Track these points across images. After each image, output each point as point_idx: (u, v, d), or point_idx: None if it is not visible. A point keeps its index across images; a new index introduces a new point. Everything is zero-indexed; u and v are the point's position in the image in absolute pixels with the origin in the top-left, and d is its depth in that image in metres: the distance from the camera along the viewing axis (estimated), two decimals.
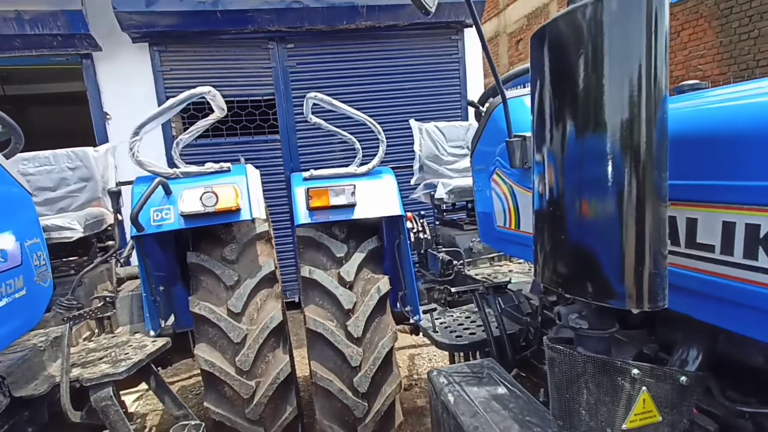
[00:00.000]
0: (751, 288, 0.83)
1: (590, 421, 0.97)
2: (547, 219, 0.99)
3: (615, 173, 0.86)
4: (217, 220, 2.40)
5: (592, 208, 0.89)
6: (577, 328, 0.98)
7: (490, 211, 1.87)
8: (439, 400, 1.66)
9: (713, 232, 0.89)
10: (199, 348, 2.36)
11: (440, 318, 2.46)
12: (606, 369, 0.94)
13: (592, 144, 0.87)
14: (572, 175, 0.91)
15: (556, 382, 1.02)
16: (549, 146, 0.96)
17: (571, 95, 0.89)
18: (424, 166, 3.23)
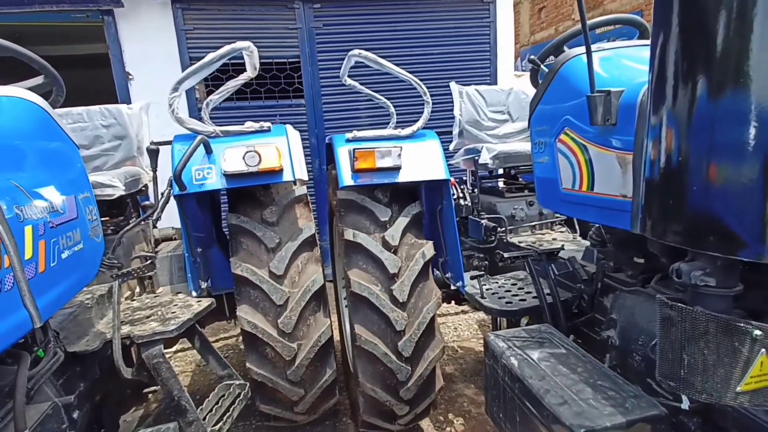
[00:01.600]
0: None
1: (705, 383, 0.92)
2: (670, 175, 0.91)
3: (759, 120, 0.77)
4: (261, 180, 2.34)
5: (732, 161, 0.81)
6: (702, 286, 0.92)
7: (554, 173, 1.78)
8: (500, 363, 1.62)
9: None
10: (241, 309, 2.34)
11: (485, 284, 2.42)
12: (728, 329, 0.88)
13: (736, 79, 0.78)
14: (704, 127, 0.83)
15: (671, 342, 0.96)
16: (676, 97, 0.88)
17: (705, 48, 0.80)
18: (464, 131, 3.12)
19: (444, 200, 2.58)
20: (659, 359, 1.00)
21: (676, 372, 0.96)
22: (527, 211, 2.82)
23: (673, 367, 0.96)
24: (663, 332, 0.97)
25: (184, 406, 1.88)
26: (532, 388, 1.40)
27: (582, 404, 1.29)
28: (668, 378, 0.98)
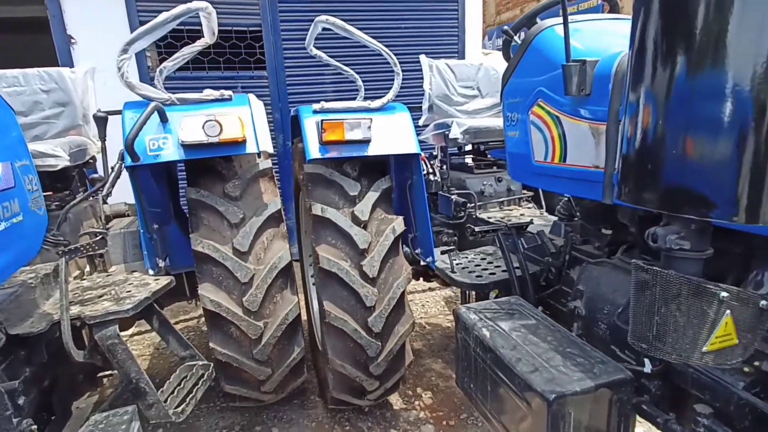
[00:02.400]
0: None
1: (675, 343, 0.94)
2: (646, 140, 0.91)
3: (741, 84, 0.77)
4: (222, 151, 2.21)
5: (710, 126, 0.81)
6: (676, 249, 0.93)
7: (526, 146, 1.77)
8: (472, 335, 1.63)
9: None
10: (203, 288, 2.24)
11: (455, 259, 2.42)
12: (698, 291, 0.90)
13: (715, 54, 0.78)
14: (682, 100, 0.83)
15: (644, 305, 0.97)
16: (658, 67, 0.86)
17: (688, 21, 0.80)
18: (433, 106, 3.07)
19: (414, 175, 2.54)
20: (632, 322, 1.02)
21: (647, 334, 0.98)
22: (496, 187, 2.84)
23: (644, 330, 0.98)
24: (636, 296, 0.98)
25: (143, 388, 1.79)
26: (504, 358, 1.41)
27: (552, 371, 1.31)
28: (640, 340, 1.00)
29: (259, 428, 2.81)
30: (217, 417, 2.93)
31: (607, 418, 1.31)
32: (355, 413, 2.89)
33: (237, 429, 2.81)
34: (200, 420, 2.91)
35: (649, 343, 0.98)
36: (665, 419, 1.31)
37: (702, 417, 1.19)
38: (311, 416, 2.91)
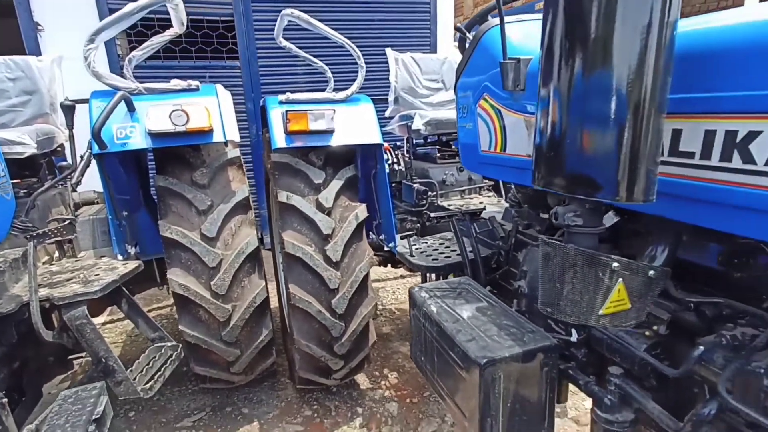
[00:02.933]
0: (723, 187, 0.93)
1: (574, 308, 1.09)
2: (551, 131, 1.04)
3: (623, 88, 0.91)
4: (189, 140, 2.28)
5: (598, 124, 0.95)
6: (573, 226, 1.07)
7: (474, 136, 1.90)
8: (422, 311, 1.76)
9: (695, 140, 0.98)
10: (172, 272, 2.32)
11: (415, 244, 2.55)
12: (592, 262, 1.04)
13: (603, 65, 0.92)
14: (581, 94, 0.97)
15: (549, 275, 1.12)
16: (558, 68, 1.00)
17: (586, 19, 0.93)
18: (399, 98, 3.18)
19: (378, 164, 2.65)
20: (540, 290, 1.16)
21: (552, 300, 1.12)
22: (457, 176, 2.98)
23: (550, 296, 1.12)
24: (543, 267, 1.12)
25: (111, 366, 1.87)
26: (447, 330, 1.55)
27: (487, 340, 1.46)
28: (547, 305, 1.14)
29: (230, 409, 2.91)
30: (188, 399, 3.02)
31: (536, 382, 1.46)
32: (323, 393, 3.02)
33: (208, 410, 2.90)
34: (172, 403, 2.99)
35: (554, 308, 1.12)
36: (586, 381, 1.48)
37: (614, 377, 1.36)
38: (281, 397, 3.02)
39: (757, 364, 0.98)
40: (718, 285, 1.21)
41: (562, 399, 1.75)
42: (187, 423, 2.79)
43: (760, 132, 0.83)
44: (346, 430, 2.70)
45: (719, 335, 1.07)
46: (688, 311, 1.25)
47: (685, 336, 1.25)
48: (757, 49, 0.84)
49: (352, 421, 2.78)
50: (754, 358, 1.00)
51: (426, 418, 2.79)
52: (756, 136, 0.84)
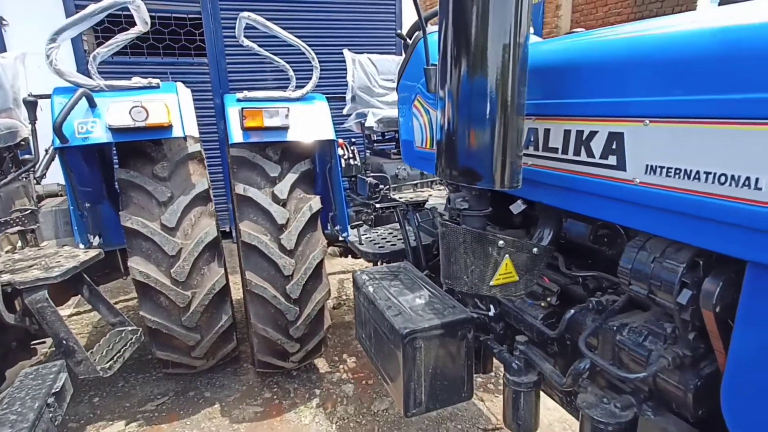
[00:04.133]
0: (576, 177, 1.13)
1: (468, 279, 1.28)
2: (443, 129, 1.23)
3: (491, 94, 1.11)
4: (148, 135, 2.40)
5: (475, 123, 1.14)
6: (462, 209, 1.26)
7: (411, 134, 2.09)
8: (362, 292, 1.94)
9: (558, 138, 1.18)
10: (132, 261, 2.44)
11: (366, 234, 2.73)
12: (481, 240, 1.23)
13: (477, 75, 1.11)
14: (463, 98, 1.16)
15: (445, 251, 1.30)
16: (449, 76, 1.18)
17: (464, 38, 1.11)
18: (356, 96, 3.35)
19: (332, 159, 2.82)
20: (442, 265, 1.35)
21: (452, 273, 1.31)
22: (410, 171, 3.16)
23: (449, 269, 1.31)
24: (441, 244, 1.31)
25: (72, 347, 1.99)
26: (379, 306, 1.73)
27: (412, 314, 1.64)
28: (447, 277, 1.33)
29: (193, 393, 3.04)
30: (152, 385, 3.13)
31: (454, 351, 1.65)
32: (283, 377, 3.17)
33: (171, 395, 3.02)
34: (136, 388, 3.10)
35: (453, 279, 1.31)
36: (499, 350, 1.68)
37: (519, 344, 1.56)
38: (242, 381, 3.16)
39: (612, 324, 1.19)
40: (598, 261, 1.43)
41: (487, 370, 1.96)
42: (150, 407, 2.90)
43: (596, 132, 1.03)
44: (302, 410, 2.87)
45: (588, 302, 1.28)
46: (575, 284, 1.47)
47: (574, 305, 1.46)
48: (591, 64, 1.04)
49: (310, 401, 2.94)
50: (611, 319, 1.21)
51: (379, 397, 2.98)
52: (594, 135, 1.04)
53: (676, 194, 0.87)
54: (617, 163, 0.98)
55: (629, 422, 1.23)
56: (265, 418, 2.80)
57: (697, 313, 0.91)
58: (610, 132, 1.00)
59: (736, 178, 0.76)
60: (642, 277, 0.99)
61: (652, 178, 0.91)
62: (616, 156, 0.99)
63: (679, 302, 0.92)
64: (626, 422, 1.23)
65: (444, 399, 1.66)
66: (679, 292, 0.92)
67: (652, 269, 0.97)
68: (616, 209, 1.01)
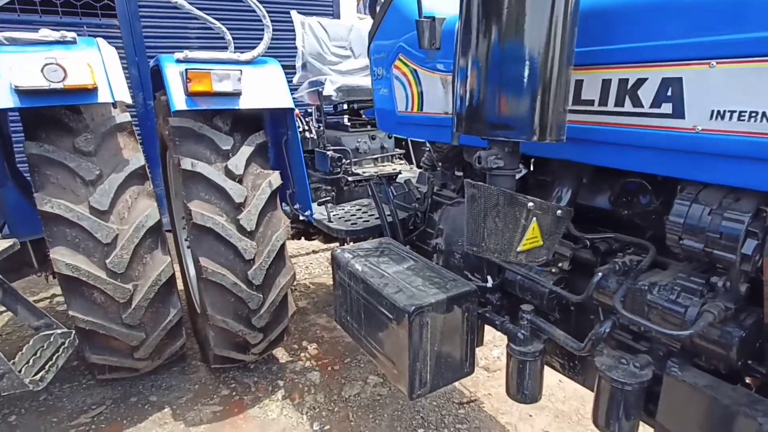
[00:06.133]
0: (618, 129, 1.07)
1: (496, 245, 1.18)
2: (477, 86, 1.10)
3: (534, 39, 0.99)
4: (68, 99, 1.99)
5: (518, 72, 1.02)
6: (494, 168, 1.15)
7: (391, 98, 1.93)
8: (346, 271, 1.77)
9: (594, 89, 1.11)
10: (56, 252, 2.03)
11: (333, 211, 2.53)
12: (511, 202, 1.14)
13: (521, 17, 0.98)
14: (502, 45, 1.03)
15: (474, 215, 1.19)
16: (479, 21, 1.05)
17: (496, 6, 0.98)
18: (307, 64, 3.07)
19: (289, 131, 2.56)
20: (466, 231, 1.24)
21: (477, 239, 1.21)
22: (370, 144, 3.00)
23: (474, 236, 1.21)
24: (469, 208, 1.20)
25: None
26: (373, 285, 1.58)
27: (413, 290, 1.52)
28: (472, 245, 1.23)
29: (135, 399, 2.67)
30: (83, 395, 2.70)
31: (459, 325, 1.56)
32: (240, 371, 2.91)
33: (109, 403, 2.63)
34: (63, 401, 2.66)
35: (479, 246, 1.21)
36: (501, 321, 1.62)
37: (525, 313, 1.51)
38: (193, 380, 2.85)
39: (642, 283, 1.16)
40: (609, 223, 1.40)
41: (479, 343, 1.90)
42: (85, 419, 2.50)
43: (646, 79, 0.96)
44: (267, 404, 2.65)
45: (613, 263, 1.24)
46: (586, 249, 1.43)
47: (585, 270, 1.43)
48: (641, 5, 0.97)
49: (274, 393, 2.73)
50: (640, 279, 1.18)
51: (348, 382, 2.85)
52: (642, 83, 0.97)
53: (748, 138, 0.82)
54: (673, 111, 0.92)
55: (649, 381, 1.22)
56: (226, 417, 2.54)
57: (758, 263, 0.89)
58: (663, 78, 0.93)
59: None
60: (698, 230, 0.95)
61: (717, 124, 0.86)
62: (672, 103, 0.92)
63: (744, 253, 0.89)
64: (647, 381, 1.22)
65: (448, 376, 1.58)
66: (744, 242, 0.89)
67: (711, 221, 0.93)
68: (669, 160, 0.96)
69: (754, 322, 0.99)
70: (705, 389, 1.08)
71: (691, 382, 1.12)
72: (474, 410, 2.63)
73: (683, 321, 1.07)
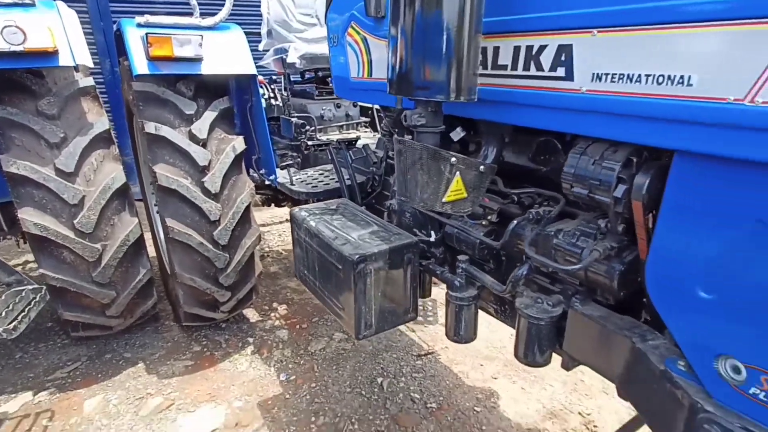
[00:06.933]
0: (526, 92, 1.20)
1: (423, 195, 1.32)
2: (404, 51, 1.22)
3: (450, 13, 1.11)
4: (29, 62, 2.03)
5: (435, 40, 1.14)
6: (419, 125, 1.28)
7: (345, 65, 2.02)
8: (302, 228, 1.90)
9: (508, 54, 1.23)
10: (24, 212, 2.12)
11: (296, 175, 2.64)
12: (435, 156, 1.27)
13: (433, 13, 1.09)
14: (423, 15, 1.14)
15: (401, 169, 1.33)
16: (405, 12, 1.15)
17: None
18: (272, 31, 3.10)
19: (253, 97, 2.63)
20: (397, 183, 1.37)
21: (406, 190, 1.34)
22: (335, 112, 3.08)
23: (404, 187, 1.35)
24: (397, 162, 1.33)
25: None
26: (325, 238, 1.72)
27: (360, 242, 1.66)
28: (402, 195, 1.37)
29: (110, 356, 2.81)
30: (58, 353, 2.82)
31: (401, 273, 1.71)
32: (211, 330, 3.06)
33: (84, 359, 2.76)
34: (39, 358, 2.77)
35: (407, 197, 1.35)
36: (441, 271, 1.78)
37: (461, 263, 1.67)
38: (166, 338, 2.99)
39: (550, 230, 1.32)
40: (533, 180, 1.55)
41: (426, 294, 2.07)
42: (61, 374, 2.63)
43: (546, 45, 1.09)
44: (237, 359, 2.81)
45: (528, 213, 1.40)
46: (513, 203, 1.59)
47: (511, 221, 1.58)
48: None
49: (244, 349, 2.89)
50: (549, 227, 1.34)
51: (315, 338, 3.02)
52: (543, 49, 1.10)
53: (620, 98, 0.96)
54: (566, 74, 1.06)
55: (559, 316, 1.40)
56: (197, 370, 2.70)
57: (628, 206, 1.05)
58: (559, 45, 1.06)
59: (671, 78, 0.87)
60: (583, 179, 1.11)
61: (597, 85, 1.00)
62: (565, 67, 1.06)
63: (615, 196, 1.05)
64: (557, 316, 1.40)
65: (392, 320, 1.74)
66: (615, 187, 1.05)
67: (593, 170, 1.08)
68: (563, 118, 1.10)
69: (633, 258, 1.17)
70: (599, 319, 1.26)
71: (588, 313, 1.30)
72: (431, 361, 2.84)
73: (579, 260, 1.24)
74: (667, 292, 1.02)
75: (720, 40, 0.79)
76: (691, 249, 0.93)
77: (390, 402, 2.50)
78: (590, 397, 2.56)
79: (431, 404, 2.49)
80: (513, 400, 2.54)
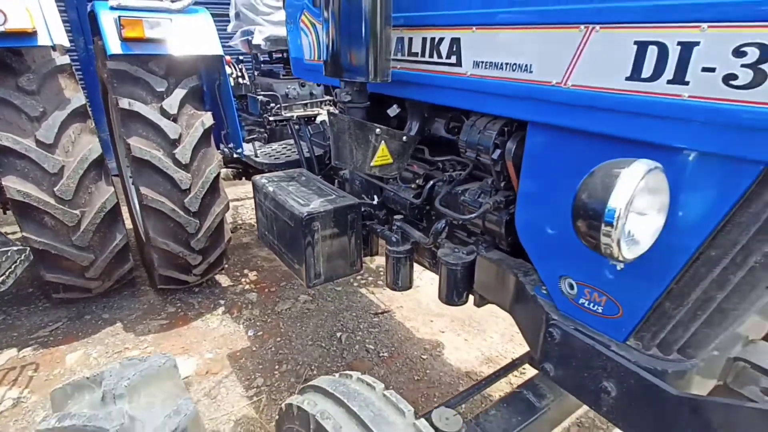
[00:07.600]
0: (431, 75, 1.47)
1: (353, 161, 1.60)
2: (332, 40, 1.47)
3: (366, 8, 1.36)
4: (9, 42, 2.21)
5: (355, 31, 1.40)
6: (346, 102, 1.55)
7: (300, 48, 2.26)
8: (262, 192, 2.17)
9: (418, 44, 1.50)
10: (7, 180, 2.32)
11: (262, 149, 2.88)
12: (362, 127, 1.55)
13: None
14: (345, 11, 1.40)
15: (334, 138, 1.60)
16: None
17: None
18: (240, 13, 3.29)
19: (221, 76, 2.85)
20: (332, 150, 1.65)
21: (340, 156, 1.62)
22: (300, 90, 3.31)
23: (338, 154, 1.62)
24: (330, 132, 1.60)
25: None
26: (279, 200, 1.99)
27: (309, 202, 1.93)
28: (337, 159, 1.65)
29: (89, 317, 3.04)
30: (39, 315, 3.04)
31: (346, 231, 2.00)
32: (186, 293, 3.31)
33: (65, 320, 2.99)
34: (21, 320, 2.99)
35: (341, 161, 1.63)
36: (381, 229, 2.07)
37: (396, 221, 1.96)
38: (142, 301, 3.23)
39: (458, 189, 1.62)
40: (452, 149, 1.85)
41: (374, 252, 2.36)
42: (43, 333, 2.86)
43: (443, 38, 1.37)
44: (209, 318, 3.09)
45: (443, 175, 1.69)
46: (437, 169, 1.88)
47: None
48: None
49: (215, 310, 3.16)
50: (458, 187, 1.64)
51: (282, 300, 3.31)
52: (442, 41, 1.37)
53: (491, 81, 1.25)
54: (456, 61, 1.34)
55: (471, 262, 1.71)
56: (171, 329, 2.96)
57: (505, 166, 1.35)
58: (452, 38, 1.34)
59: (521, 65, 1.16)
60: (472, 145, 1.40)
61: (477, 71, 1.28)
62: (456, 56, 1.34)
63: (493, 158, 1.34)
64: (469, 262, 1.71)
65: (339, 271, 2.02)
66: (493, 151, 1.34)
67: (478, 138, 1.38)
68: (456, 96, 1.38)
69: None
70: (497, 262, 1.58)
71: (489, 257, 1.61)
72: (386, 318, 3.16)
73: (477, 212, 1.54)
74: (529, 231, 1.33)
75: (545, 38, 1.08)
76: (540, 196, 1.24)
77: (347, 352, 2.81)
78: (524, 346, 2.92)
79: (383, 353, 2.81)
80: (456, 349, 2.88)
